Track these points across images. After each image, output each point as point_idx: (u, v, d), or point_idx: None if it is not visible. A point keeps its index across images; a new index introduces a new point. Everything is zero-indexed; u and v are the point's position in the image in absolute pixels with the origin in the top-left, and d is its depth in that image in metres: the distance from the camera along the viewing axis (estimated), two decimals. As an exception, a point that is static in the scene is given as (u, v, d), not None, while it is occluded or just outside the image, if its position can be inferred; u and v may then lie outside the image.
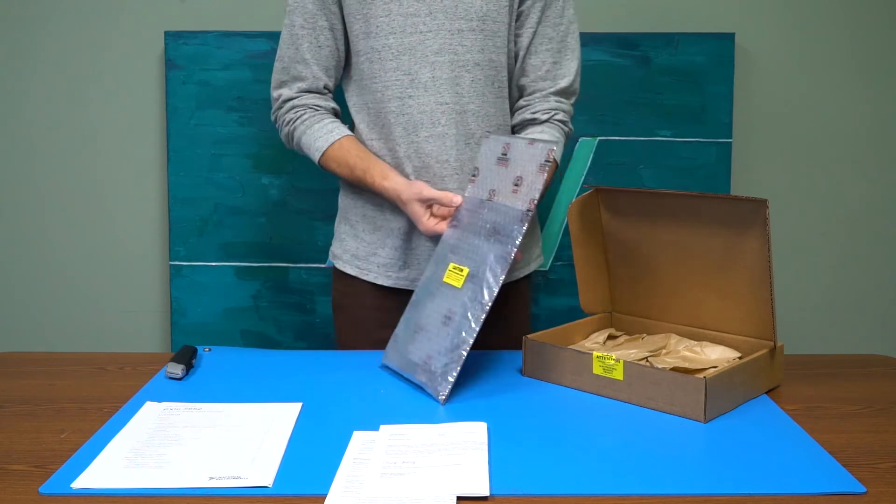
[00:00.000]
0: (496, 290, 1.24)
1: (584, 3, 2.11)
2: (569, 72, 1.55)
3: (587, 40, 2.10)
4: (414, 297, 1.39)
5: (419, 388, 1.27)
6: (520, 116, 1.56)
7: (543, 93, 1.54)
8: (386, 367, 1.37)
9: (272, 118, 1.58)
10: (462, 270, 1.30)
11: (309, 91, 1.53)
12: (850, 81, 2.21)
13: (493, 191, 1.34)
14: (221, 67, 2.11)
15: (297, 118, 1.53)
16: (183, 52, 2.11)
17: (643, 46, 2.13)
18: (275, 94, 1.55)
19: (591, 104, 2.12)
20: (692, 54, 2.13)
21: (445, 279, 1.32)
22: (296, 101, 1.53)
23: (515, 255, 1.25)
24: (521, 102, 1.56)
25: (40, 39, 2.17)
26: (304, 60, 1.51)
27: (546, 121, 1.53)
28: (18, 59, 2.18)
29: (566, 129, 1.57)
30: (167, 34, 2.11)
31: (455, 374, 1.22)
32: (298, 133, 1.53)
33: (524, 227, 1.26)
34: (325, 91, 1.55)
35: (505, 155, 1.35)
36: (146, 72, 2.18)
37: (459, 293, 1.29)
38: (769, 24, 2.19)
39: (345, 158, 1.50)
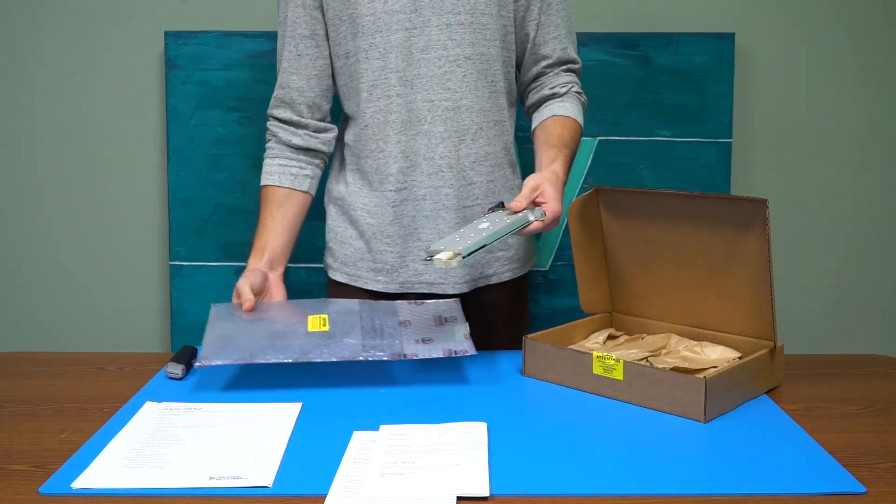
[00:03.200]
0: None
1: (584, 3, 2.12)
2: (574, 51, 1.59)
3: (587, 40, 2.11)
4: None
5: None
6: (537, 95, 1.57)
7: (555, 72, 1.57)
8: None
9: None
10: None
11: (284, 105, 1.54)
12: (849, 81, 2.21)
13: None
14: (221, 67, 2.11)
15: (266, 142, 1.57)
16: (183, 52, 2.11)
17: (643, 46, 2.13)
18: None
19: (591, 104, 2.10)
20: (692, 54, 2.13)
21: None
22: (269, 124, 1.57)
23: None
24: (534, 84, 1.58)
25: (40, 39, 2.17)
26: (284, 70, 1.52)
27: (566, 93, 1.56)
28: (18, 59, 2.18)
29: (582, 98, 1.60)
30: (167, 34, 2.11)
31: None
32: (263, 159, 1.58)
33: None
34: (302, 107, 1.53)
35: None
36: (146, 72, 2.18)
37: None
38: (769, 24, 2.19)
39: (261, 208, 1.55)
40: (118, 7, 2.16)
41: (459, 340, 1.30)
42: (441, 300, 1.43)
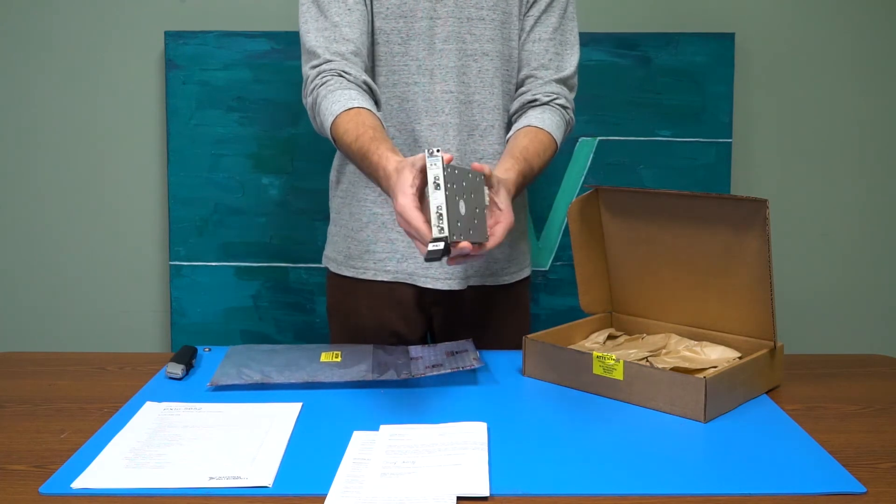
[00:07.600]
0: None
1: (584, 3, 2.11)
2: (569, 64, 1.51)
3: (587, 40, 2.11)
4: None
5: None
6: (519, 101, 1.49)
7: (544, 80, 1.49)
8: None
9: (304, 103, 1.43)
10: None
11: (340, 56, 1.38)
12: (849, 81, 2.22)
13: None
14: (221, 67, 2.11)
15: (322, 84, 1.36)
16: (183, 52, 2.11)
17: (643, 46, 2.13)
18: (305, 74, 1.41)
19: (591, 104, 2.12)
20: (692, 54, 2.13)
21: None
22: (323, 67, 1.37)
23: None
24: (521, 89, 1.51)
25: (40, 40, 2.17)
26: (335, 25, 1.39)
27: (547, 103, 1.46)
28: (19, 59, 2.18)
29: (567, 116, 1.50)
30: (167, 34, 2.11)
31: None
32: (320, 100, 1.35)
33: None
34: (356, 59, 1.39)
35: None
36: (146, 72, 2.18)
37: None
38: (769, 24, 2.19)
39: (355, 126, 1.28)
40: (118, 7, 2.16)
41: (469, 361, 1.31)
42: (455, 342, 1.45)
